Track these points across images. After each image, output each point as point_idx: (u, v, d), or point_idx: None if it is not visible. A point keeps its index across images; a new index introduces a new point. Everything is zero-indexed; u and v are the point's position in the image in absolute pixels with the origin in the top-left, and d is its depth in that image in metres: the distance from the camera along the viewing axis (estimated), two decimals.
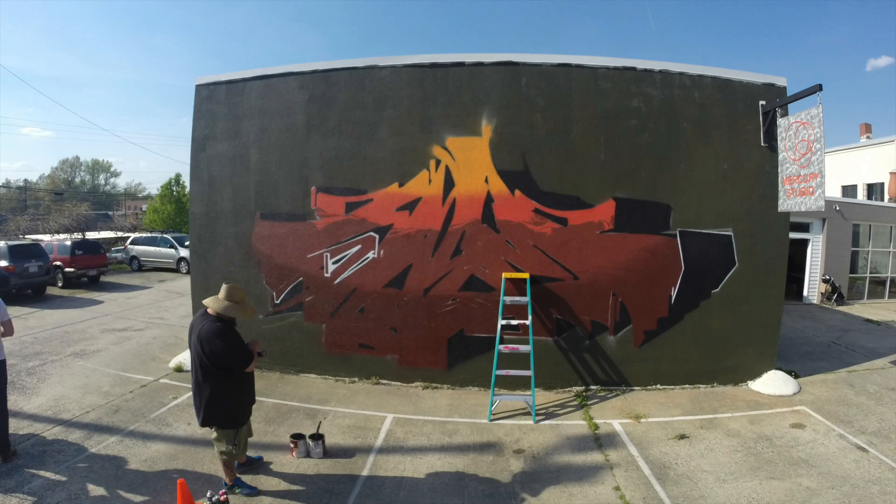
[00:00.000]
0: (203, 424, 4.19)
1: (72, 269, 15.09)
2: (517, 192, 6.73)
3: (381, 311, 7.01)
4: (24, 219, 24.10)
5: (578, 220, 6.73)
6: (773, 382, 6.85)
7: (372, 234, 6.97)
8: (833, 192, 22.67)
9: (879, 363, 8.15)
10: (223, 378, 4.09)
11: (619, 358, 6.88)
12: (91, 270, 15.73)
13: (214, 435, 4.24)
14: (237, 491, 4.31)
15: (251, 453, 4.81)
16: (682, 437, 5.46)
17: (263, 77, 7.28)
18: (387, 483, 4.53)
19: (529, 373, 6.11)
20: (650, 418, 5.96)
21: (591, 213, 6.74)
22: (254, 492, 4.33)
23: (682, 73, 6.77)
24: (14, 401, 6.10)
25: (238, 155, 7.39)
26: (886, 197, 20.73)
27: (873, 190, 22.50)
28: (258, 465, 4.74)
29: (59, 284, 15.01)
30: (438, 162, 6.80)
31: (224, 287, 4.23)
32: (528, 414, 6.02)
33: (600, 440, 5.40)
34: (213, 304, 4.18)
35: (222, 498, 4.05)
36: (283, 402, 6.29)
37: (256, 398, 4.73)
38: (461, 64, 6.78)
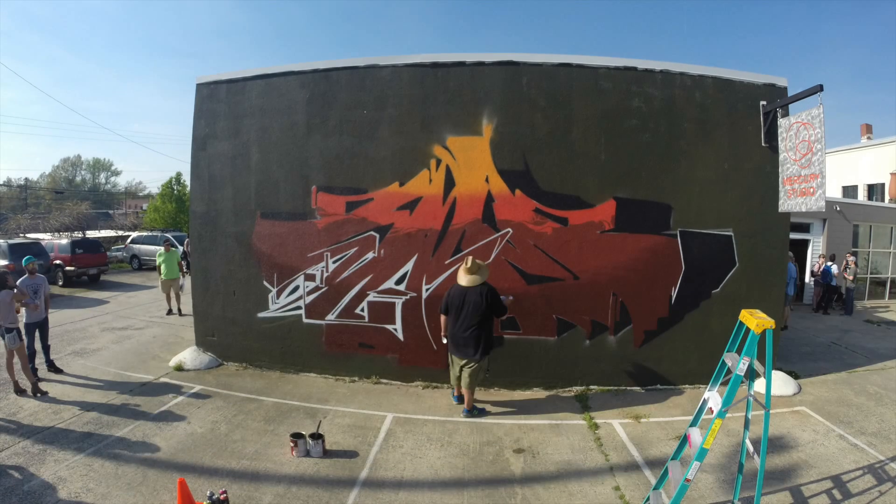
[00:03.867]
0: (480, 358, 5.72)
1: (72, 268, 15.11)
2: (518, 191, 6.73)
3: (381, 311, 7.02)
4: (24, 217, 24.18)
5: (579, 219, 6.73)
6: (773, 383, 6.83)
7: (372, 233, 6.97)
8: (833, 192, 22.65)
9: (879, 364, 8.14)
10: (491, 322, 5.87)
11: (619, 358, 6.87)
12: (91, 269, 15.75)
13: (474, 367, 5.71)
14: (475, 413, 5.93)
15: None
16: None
17: (264, 76, 7.28)
18: (386, 482, 4.53)
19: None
20: (650, 418, 5.96)
21: (591, 213, 6.74)
22: (483, 412, 5.99)
23: (683, 74, 6.76)
24: (14, 400, 6.13)
25: (239, 154, 7.39)
26: (887, 197, 20.74)
27: (874, 190, 22.49)
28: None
29: (60, 283, 15.03)
30: (439, 161, 6.80)
31: (466, 265, 5.80)
32: (528, 413, 6.02)
33: (600, 440, 5.40)
34: (473, 281, 5.74)
35: (222, 497, 4.05)
36: (284, 401, 6.29)
37: (256, 397, 6.27)
38: (462, 63, 6.77)
